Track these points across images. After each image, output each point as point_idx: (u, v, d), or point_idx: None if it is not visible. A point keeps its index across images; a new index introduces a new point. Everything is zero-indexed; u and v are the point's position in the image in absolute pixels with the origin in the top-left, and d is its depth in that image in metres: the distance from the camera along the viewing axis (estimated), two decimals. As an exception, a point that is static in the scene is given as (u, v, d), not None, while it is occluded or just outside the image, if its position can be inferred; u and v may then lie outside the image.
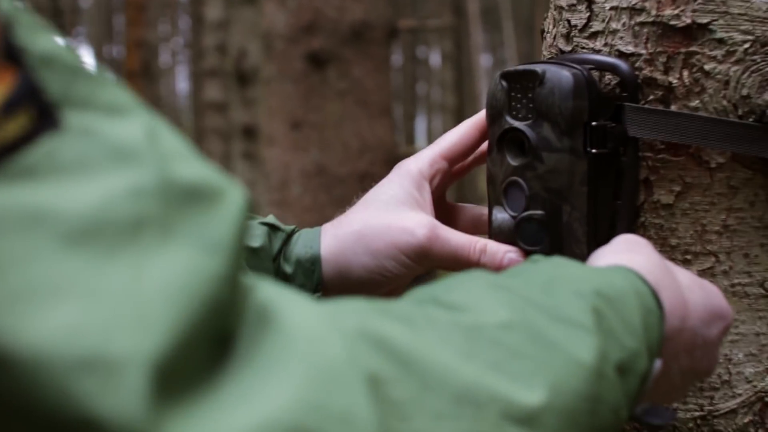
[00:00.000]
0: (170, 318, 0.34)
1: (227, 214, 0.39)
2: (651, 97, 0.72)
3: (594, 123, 0.71)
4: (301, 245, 0.81)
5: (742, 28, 0.70)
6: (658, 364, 0.58)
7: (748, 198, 0.72)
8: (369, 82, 3.55)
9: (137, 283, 0.34)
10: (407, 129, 20.52)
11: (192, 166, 0.39)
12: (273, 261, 0.81)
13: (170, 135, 0.40)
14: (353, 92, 3.53)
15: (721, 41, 0.70)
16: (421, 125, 24.70)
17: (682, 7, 0.71)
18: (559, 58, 0.77)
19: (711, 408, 0.74)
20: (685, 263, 0.74)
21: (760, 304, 0.73)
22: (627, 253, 0.63)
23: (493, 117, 0.77)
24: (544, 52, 0.84)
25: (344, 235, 0.79)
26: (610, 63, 0.73)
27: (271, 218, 0.83)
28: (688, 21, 0.71)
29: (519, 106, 0.74)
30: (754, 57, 0.70)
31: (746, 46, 0.70)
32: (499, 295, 0.52)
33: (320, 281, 0.79)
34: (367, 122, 3.56)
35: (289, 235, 0.82)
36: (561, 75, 0.71)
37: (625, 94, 0.72)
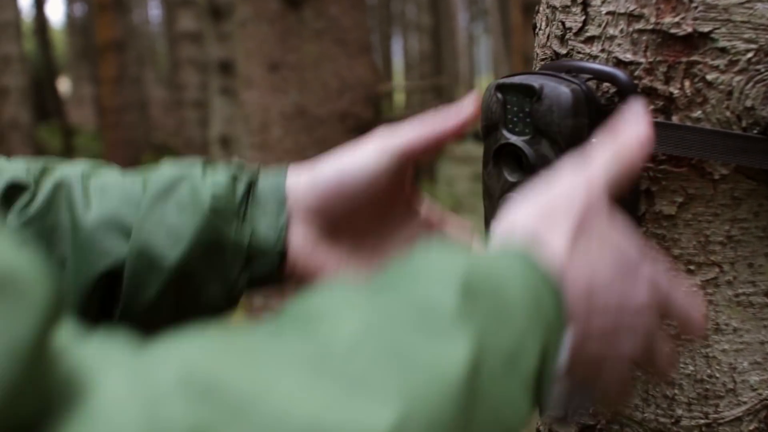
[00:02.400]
0: None
1: (24, 312, 0.34)
2: (651, 107, 0.70)
3: (594, 140, 0.69)
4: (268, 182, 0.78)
5: (746, 36, 0.67)
6: (564, 353, 0.55)
7: (752, 208, 0.70)
8: (346, 21, 3.48)
9: None
10: (383, 49, 20.29)
11: None
12: (238, 207, 0.75)
13: None
14: (331, 31, 3.46)
15: (723, 50, 0.67)
16: (397, 45, 24.44)
17: (682, 15, 0.68)
18: (555, 66, 0.74)
19: (716, 416, 0.74)
20: (689, 273, 0.72)
21: (765, 313, 0.72)
22: (537, 223, 0.59)
23: (488, 129, 0.74)
24: (537, 50, 0.81)
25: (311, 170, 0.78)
26: (608, 73, 0.70)
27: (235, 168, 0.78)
28: (689, 29, 0.68)
29: (516, 119, 0.71)
30: (758, 66, 0.67)
31: (750, 55, 0.67)
32: (357, 301, 0.49)
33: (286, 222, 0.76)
34: (346, 61, 3.50)
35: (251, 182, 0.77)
36: (560, 91, 0.68)
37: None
